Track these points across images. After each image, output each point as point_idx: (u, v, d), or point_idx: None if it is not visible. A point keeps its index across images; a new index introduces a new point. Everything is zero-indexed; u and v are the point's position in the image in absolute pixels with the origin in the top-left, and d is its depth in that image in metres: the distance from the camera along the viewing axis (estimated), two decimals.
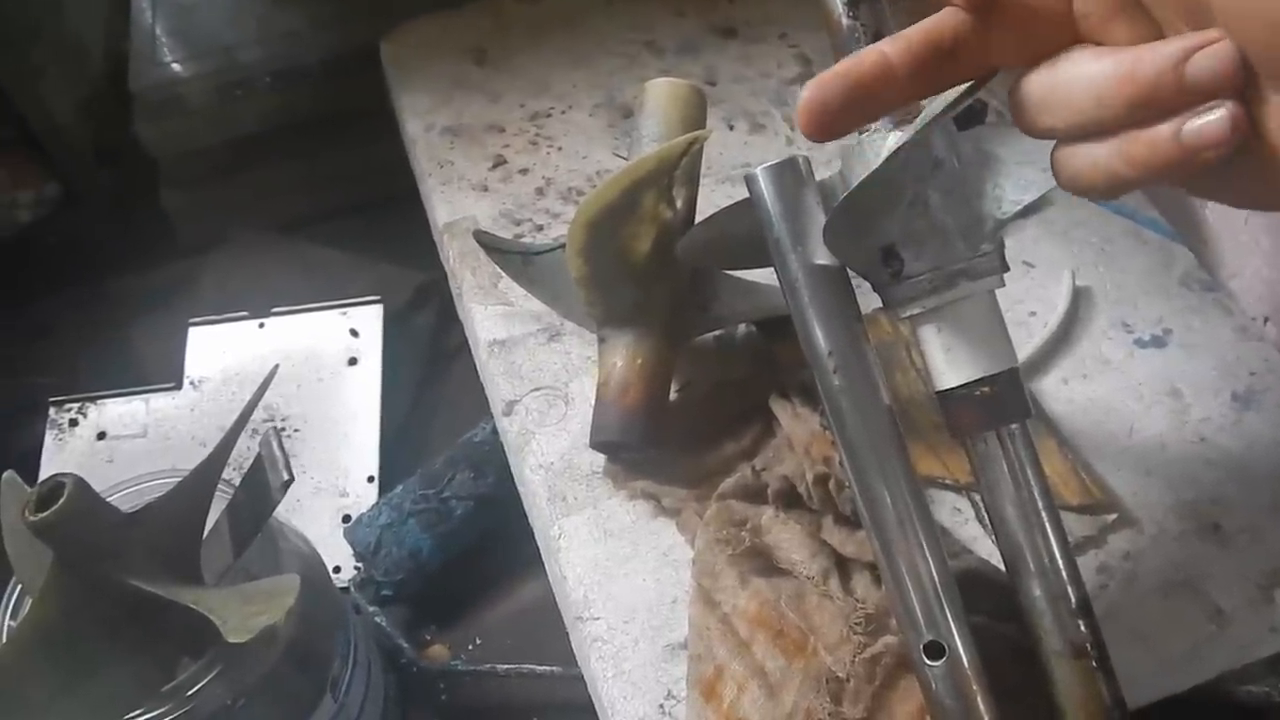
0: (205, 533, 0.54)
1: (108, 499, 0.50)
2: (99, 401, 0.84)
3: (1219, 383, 0.61)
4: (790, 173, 0.44)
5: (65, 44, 0.98)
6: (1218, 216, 0.69)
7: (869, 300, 0.44)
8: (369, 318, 0.85)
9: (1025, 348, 0.61)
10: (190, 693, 0.49)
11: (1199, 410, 0.59)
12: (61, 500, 0.45)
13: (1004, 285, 0.42)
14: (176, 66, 0.97)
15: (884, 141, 0.43)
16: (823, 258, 0.43)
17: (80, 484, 0.46)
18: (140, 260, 0.98)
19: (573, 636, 0.53)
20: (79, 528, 0.47)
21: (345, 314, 0.86)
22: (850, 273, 0.43)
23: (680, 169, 0.51)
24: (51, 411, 0.83)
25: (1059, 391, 0.60)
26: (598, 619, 0.51)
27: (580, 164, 0.75)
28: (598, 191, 0.51)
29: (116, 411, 0.83)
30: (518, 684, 0.71)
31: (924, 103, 0.40)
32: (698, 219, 0.54)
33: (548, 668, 0.69)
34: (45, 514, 0.45)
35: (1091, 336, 0.63)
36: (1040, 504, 0.42)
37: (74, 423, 0.83)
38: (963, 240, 0.42)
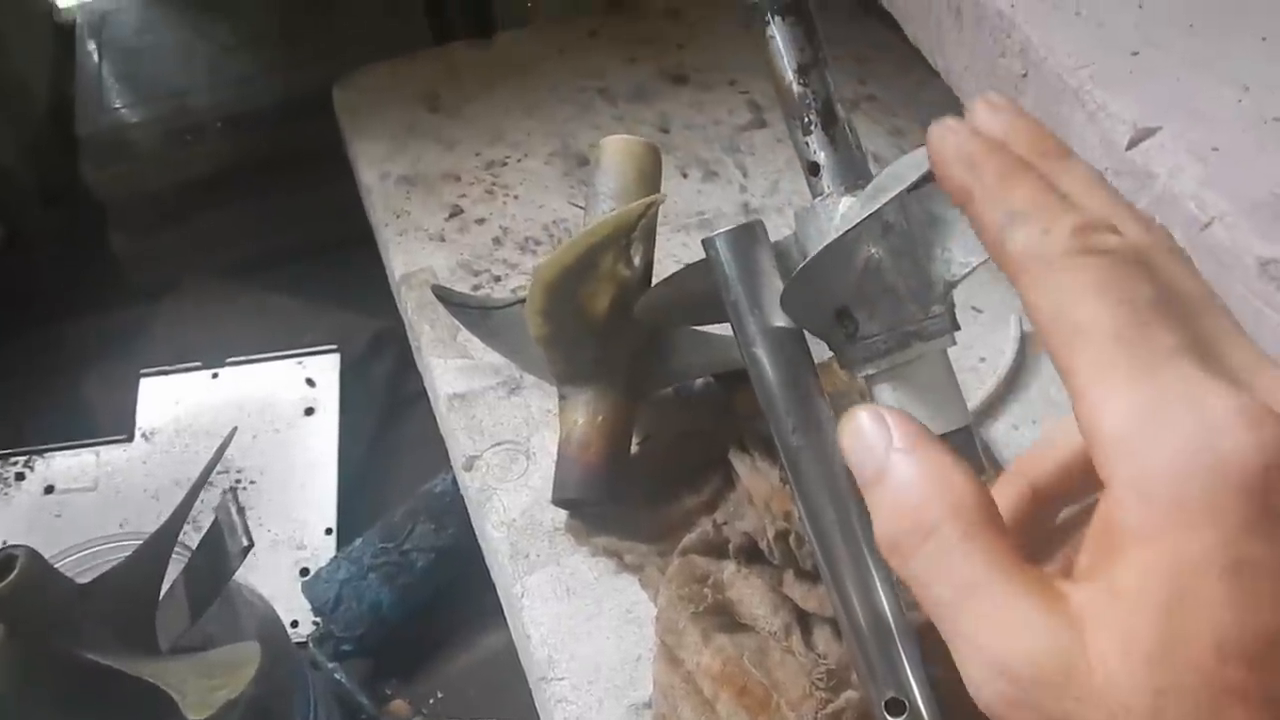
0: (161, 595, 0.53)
1: (58, 564, 0.49)
2: (46, 454, 0.82)
3: None
4: (747, 238, 0.44)
5: (9, 86, 0.96)
6: None
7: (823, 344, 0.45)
8: (325, 367, 0.85)
9: (975, 394, 0.63)
10: None
11: None
12: (13, 574, 0.44)
13: (955, 344, 0.43)
14: (125, 111, 0.96)
15: (836, 207, 0.44)
16: (780, 320, 0.44)
17: (32, 556, 0.46)
18: (89, 306, 0.97)
19: (536, 697, 0.53)
20: (31, 601, 0.46)
21: (301, 363, 0.85)
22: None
23: (638, 230, 0.52)
24: None
25: (1009, 438, 0.62)
26: (562, 679, 0.51)
27: (537, 213, 0.75)
28: (556, 254, 0.52)
29: (65, 464, 0.82)
30: None
31: (873, 169, 0.42)
32: (655, 265, 0.54)
33: None
34: None
35: (1040, 381, 0.65)
36: None
37: (20, 476, 0.81)
38: (914, 302, 0.43)
